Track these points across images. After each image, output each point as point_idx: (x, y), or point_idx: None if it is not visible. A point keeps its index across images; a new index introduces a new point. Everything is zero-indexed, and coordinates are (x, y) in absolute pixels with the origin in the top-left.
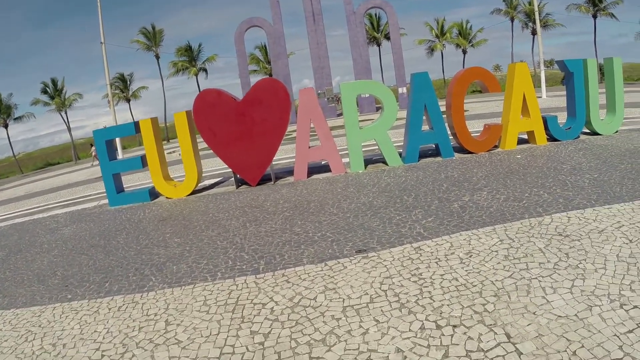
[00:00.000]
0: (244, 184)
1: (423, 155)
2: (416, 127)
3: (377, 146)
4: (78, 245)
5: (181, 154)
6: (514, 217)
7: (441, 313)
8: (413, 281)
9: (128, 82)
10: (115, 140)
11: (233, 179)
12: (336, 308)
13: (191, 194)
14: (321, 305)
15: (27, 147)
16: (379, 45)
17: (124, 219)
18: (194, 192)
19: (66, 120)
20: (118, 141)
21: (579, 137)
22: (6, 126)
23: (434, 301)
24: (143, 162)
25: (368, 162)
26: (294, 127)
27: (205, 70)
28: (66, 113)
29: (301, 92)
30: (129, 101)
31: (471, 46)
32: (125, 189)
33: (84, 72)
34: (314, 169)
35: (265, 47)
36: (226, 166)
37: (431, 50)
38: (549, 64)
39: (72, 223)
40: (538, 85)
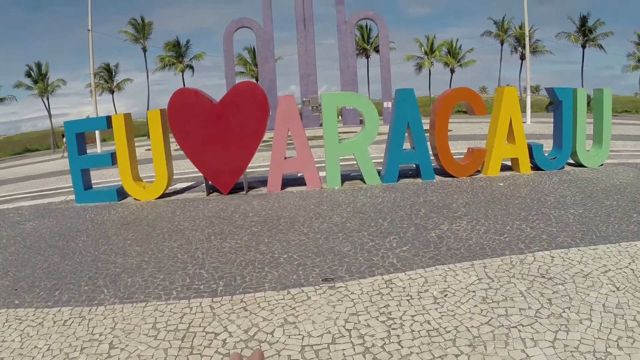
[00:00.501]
0: (215, 191)
1: (403, 174)
2: (397, 145)
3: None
4: (36, 244)
5: (152, 155)
6: (494, 252)
7: None
8: (381, 321)
9: (113, 73)
10: (87, 133)
11: (204, 184)
12: (294, 347)
13: (160, 197)
14: (278, 341)
15: (9, 130)
16: (367, 57)
17: (87, 219)
18: (163, 196)
19: (47, 107)
20: (98, 134)
21: (563, 167)
22: None
23: (402, 347)
24: (113, 159)
25: (345, 177)
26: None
27: (191, 68)
28: (48, 99)
29: (280, 100)
30: (112, 92)
31: (459, 66)
32: (96, 185)
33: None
34: (289, 181)
35: (254, 50)
36: None
37: (419, 67)
38: (535, 89)
39: (36, 218)
40: (523, 111)
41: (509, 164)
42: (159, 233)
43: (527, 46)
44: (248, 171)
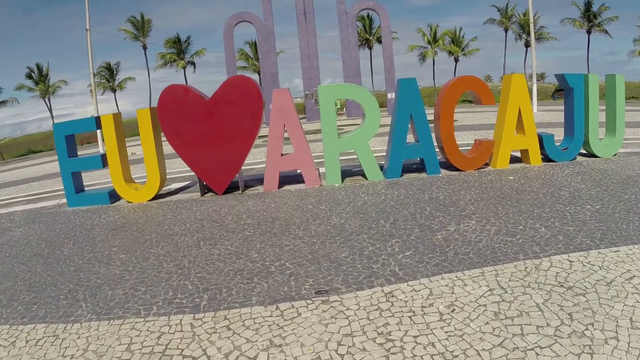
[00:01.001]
0: (210, 191)
1: (407, 169)
2: (400, 139)
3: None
4: (22, 253)
5: (143, 156)
6: (506, 257)
7: None
8: (379, 343)
9: (115, 72)
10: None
11: (199, 185)
12: None
13: (153, 198)
14: None
15: (15, 132)
16: (370, 48)
17: (77, 224)
18: (157, 197)
19: (49, 107)
20: (99, 133)
21: (575, 158)
22: None
23: None
24: (103, 161)
25: (347, 173)
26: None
27: (193, 64)
28: (49, 100)
29: (275, 94)
30: (114, 91)
31: (463, 55)
32: (94, 187)
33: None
34: (287, 178)
35: (255, 44)
36: None
37: (423, 57)
38: (540, 77)
39: (26, 224)
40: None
41: (518, 155)
42: (147, 239)
43: (532, 33)
44: (247, 168)
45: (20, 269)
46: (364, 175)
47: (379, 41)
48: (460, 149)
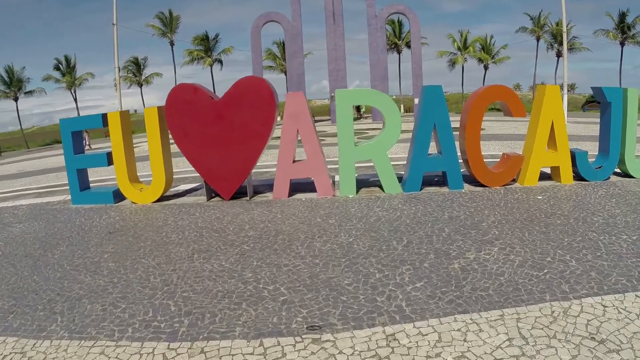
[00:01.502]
0: (217, 195)
1: (427, 182)
2: (422, 150)
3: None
4: (14, 252)
5: (149, 157)
6: (531, 296)
7: None
8: None
9: (142, 67)
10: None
11: (205, 188)
12: None
13: (158, 200)
14: None
15: (43, 121)
16: (399, 52)
17: (75, 224)
18: (162, 198)
19: (75, 98)
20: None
21: (609, 178)
22: (16, 99)
23: None
24: (109, 159)
25: (362, 183)
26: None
27: (220, 62)
28: (75, 92)
29: (288, 97)
30: (141, 86)
31: (493, 62)
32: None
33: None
34: (299, 185)
35: (283, 44)
36: None
37: (452, 63)
38: (570, 87)
39: (28, 220)
40: None
41: (547, 171)
42: (141, 246)
43: (564, 42)
44: (260, 171)
45: (8, 270)
46: (380, 187)
47: (408, 46)
48: (485, 160)
